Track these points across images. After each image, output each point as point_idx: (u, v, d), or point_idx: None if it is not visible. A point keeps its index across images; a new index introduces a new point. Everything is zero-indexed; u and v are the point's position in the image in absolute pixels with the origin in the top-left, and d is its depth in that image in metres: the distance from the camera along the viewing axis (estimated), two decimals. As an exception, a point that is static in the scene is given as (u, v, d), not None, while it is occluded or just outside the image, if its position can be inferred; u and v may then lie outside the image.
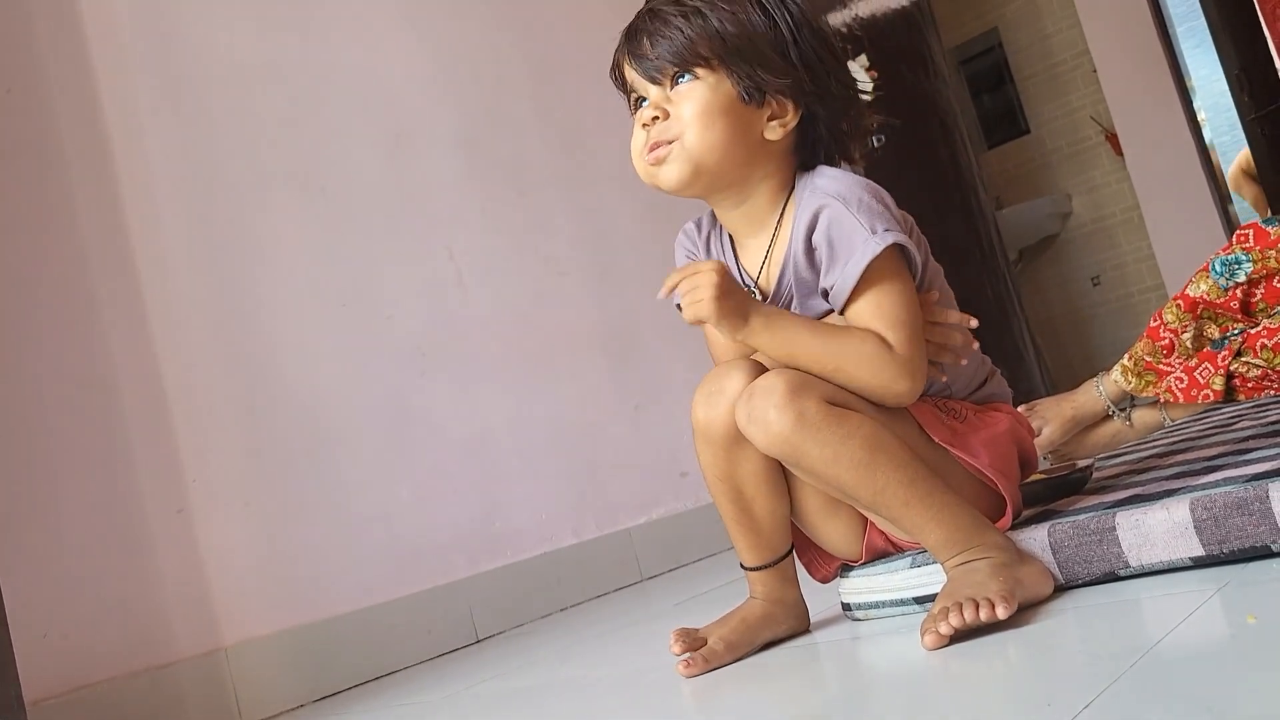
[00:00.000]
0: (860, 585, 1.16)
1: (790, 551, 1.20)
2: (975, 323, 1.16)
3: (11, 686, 1.22)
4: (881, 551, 1.18)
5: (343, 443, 1.88)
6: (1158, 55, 4.32)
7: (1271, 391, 1.75)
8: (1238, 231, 1.85)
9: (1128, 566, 1.02)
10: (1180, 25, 4.38)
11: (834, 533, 1.18)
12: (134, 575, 1.59)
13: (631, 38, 1.16)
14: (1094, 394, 1.93)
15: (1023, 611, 0.99)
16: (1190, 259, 2.47)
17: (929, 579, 1.10)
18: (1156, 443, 1.63)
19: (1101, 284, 4.91)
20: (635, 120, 1.16)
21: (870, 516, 1.14)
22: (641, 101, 1.15)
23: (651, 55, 1.12)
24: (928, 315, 1.14)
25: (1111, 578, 1.04)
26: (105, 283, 1.68)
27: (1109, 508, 1.07)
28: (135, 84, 1.79)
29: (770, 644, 1.17)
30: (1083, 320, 4.97)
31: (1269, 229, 1.80)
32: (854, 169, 1.19)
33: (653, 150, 1.12)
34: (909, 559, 1.13)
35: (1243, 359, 1.76)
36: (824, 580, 1.24)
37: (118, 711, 1.49)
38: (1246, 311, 1.82)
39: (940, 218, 3.47)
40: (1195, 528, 0.98)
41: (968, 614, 0.94)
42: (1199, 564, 0.99)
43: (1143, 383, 1.87)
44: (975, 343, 1.17)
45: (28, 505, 1.52)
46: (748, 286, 1.17)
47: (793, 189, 1.16)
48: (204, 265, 1.80)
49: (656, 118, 1.12)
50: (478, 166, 2.30)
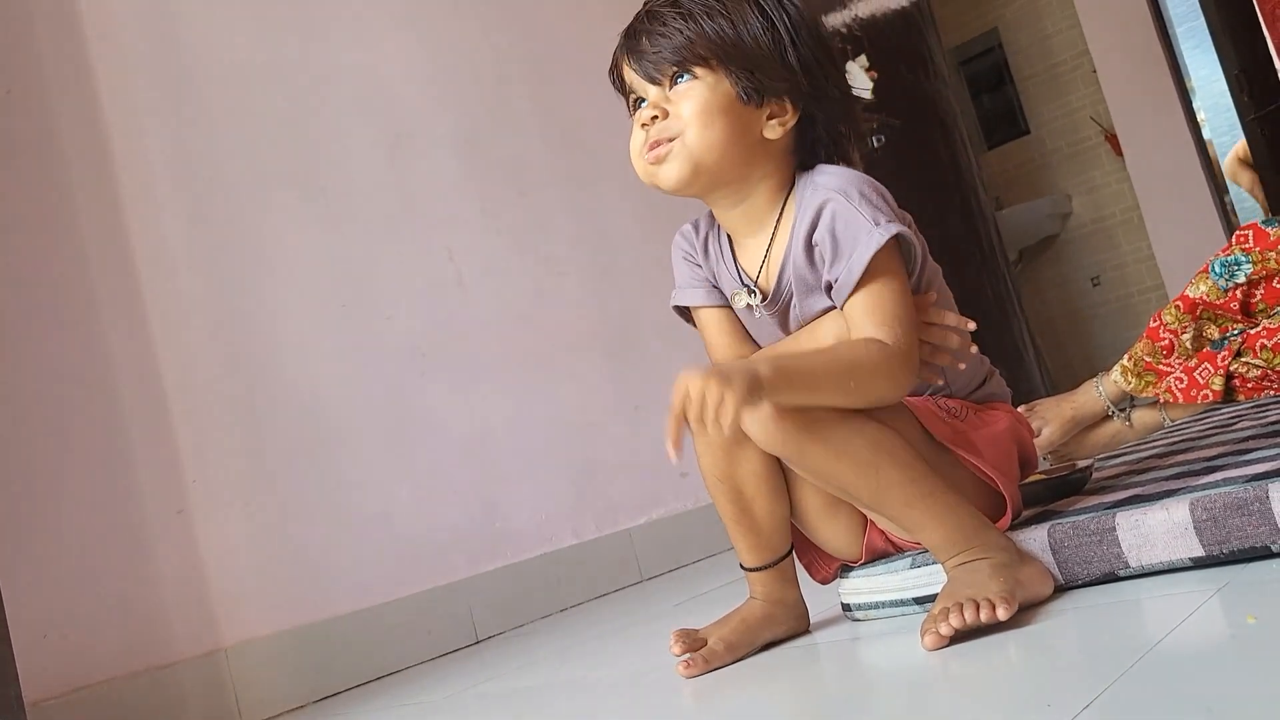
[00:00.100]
0: (860, 586, 1.16)
1: (790, 552, 1.20)
2: (973, 325, 1.16)
3: (11, 686, 1.23)
4: (881, 552, 1.18)
5: (343, 443, 1.89)
6: (1157, 56, 4.32)
7: (1271, 392, 1.75)
8: (1237, 232, 1.85)
9: (1127, 567, 1.02)
10: (1180, 26, 4.39)
11: (834, 533, 1.18)
12: (134, 575, 1.59)
13: (631, 38, 1.16)
14: (1094, 394, 1.93)
15: (1023, 612, 0.99)
16: (1190, 259, 2.48)
17: (929, 579, 1.10)
18: (1156, 443, 1.63)
19: (1101, 284, 4.91)
20: (634, 121, 1.16)
21: (871, 515, 1.14)
22: (640, 102, 1.16)
23: (651, 55, 1.13)
24: (925, 316, 1.14)
25: (1111, 578, 1.04)
26: (105, 283, 1.68)
27: (1109, 508, 1.07)
28: (135, 84, 1.80)
29: (770, 644, 1.17)
30: (1082, 321, 4.97)
31: (1268, 230, 1.80)
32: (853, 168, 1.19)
33: (652, 149, 1.12)
34: (909, 559, 1.13)
35: (1242, 359, 1.76)
36: (824, 581, 1.24)
37: (118, 712, 1.49)
38: (1246, 312, 1.82)
39: (940, 218, 3.47)
40: (1195, 528, 0.98)
41: (968, 615, 0.94)
42: (1199, 564, 0.99)
43: (1142, 383, 1.87)
44: (974, 346, 1.16)
45: (28, 505, 1.52)
46: (746, 286, 1.18)
47: (792, 188, 1.16)
48: (204, 265, 1.80)
49: (655, 117, 1.13)
50: (477, 167, 2.30)
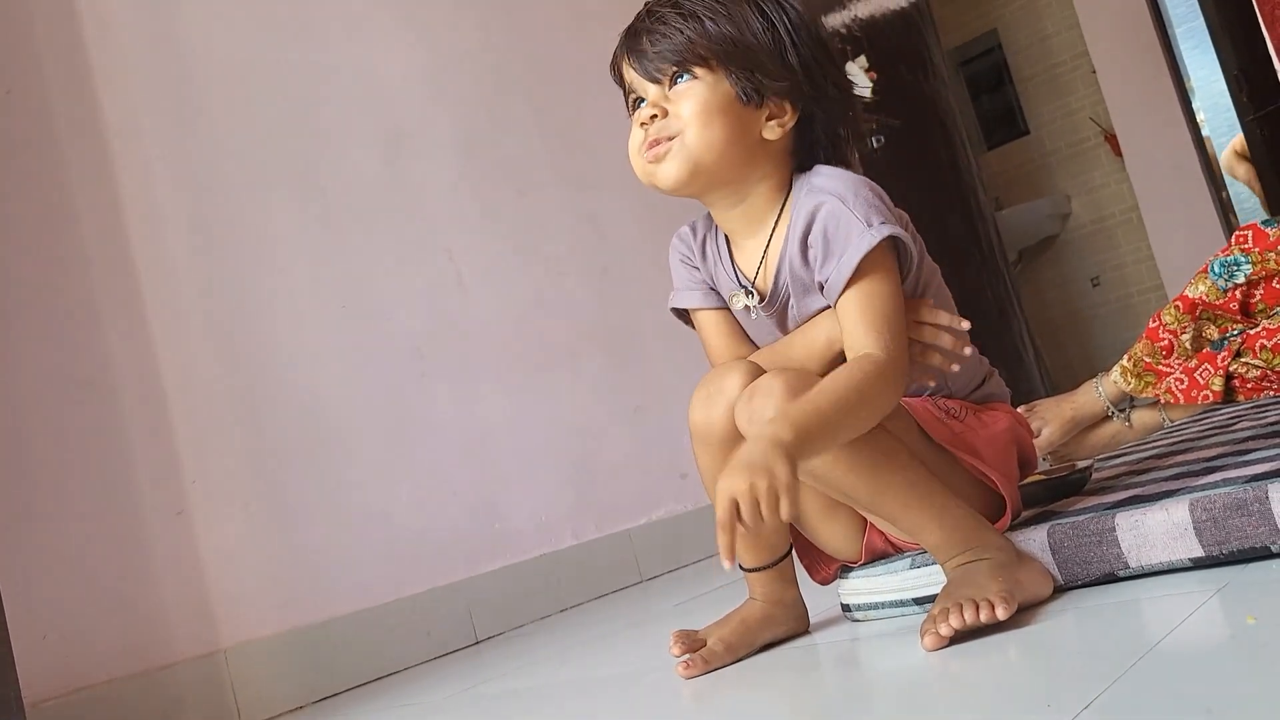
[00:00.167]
0: (860, 586, 1.16)
1: (789, 553, 1.20)
2: (968, 325, 1.15)
3: (11, 687, 1.23)
4: (881, 552, 1.18)
5: (343, 443, 1.88)
6: (1157, 56, 4.32)
7: (1271, 392, 1.75)
8: (1236, 233, 1.84)
9: (1127, 567, 1.02)
10: (1179, 26, 4.39)
11: (833, 534, 1.18)
12: (134, 576, 1.59)
13: (631, 37, 1.16)
14: (1093, 395, 1.93)
15: (1022, 612, 0.99)
16: (1189, 260, 2.48)
17: (928, 580, 1.10)
18: (1156, 444, 1.63)
19: (1101, 285, 4.91)
20: (633, 120, 1.16)
21: (870, 517, 1.14)
22: (640, 102, 1.16)
23: (651, 54, 1.13)
24: (917, 315, 1.13)
25: (1111, 579, 1.04)
26: (105, 282, 1.68)
27: (1108, 509, 1.07)
28: (135, 84, 1.80)
29: (770, 645, 1.17)
30: (1082, 321, 4.97)
31: (1268, 230, 1.80)
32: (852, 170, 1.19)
33: (651, 148, 1.12)
34: (908, 560, 1.13)
35: (1242, 360, 1.76)
36: (824, 582, 1.24)
37: (117, 713, 1.49)
38: (1246, 312, 1.82)
39: (940, 218, 3.48)
40: (1195, 529, 0.98)
41: (968, 615, 0.94)
42: (1198, 565, 0.99)
43: (1142, 384, 1.87)
44: (969, 347, 1.15)
45: (28, 506, 1.52)
46: (744, 288, 1.18)
47: (790, 190, 1.16)
48: (204, 265, 1.80)
49: (655, 115, 1.13)
50: (477, 167, 2.30)
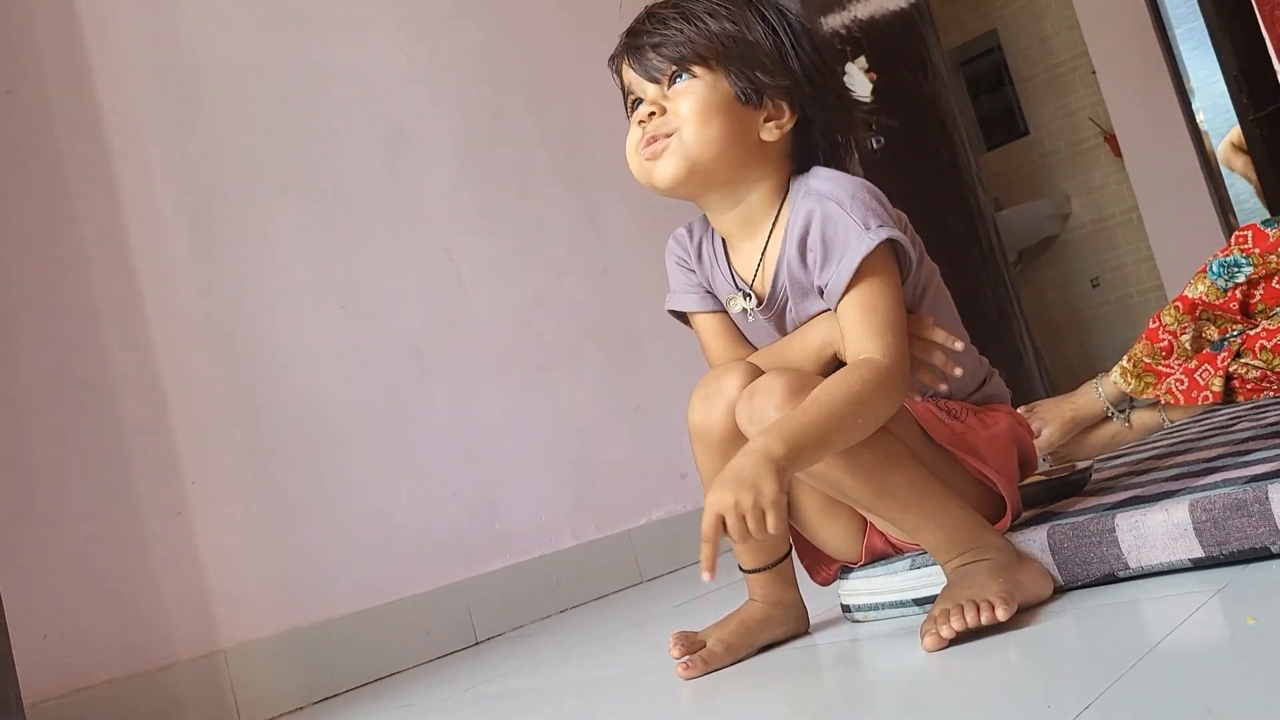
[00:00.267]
0: (860, 587, 1.16)
1: (789, 553, 1.20)
2: (961, 345, 1.14)
3: (11, 687, 1.22)
4: (881, 553, 1.18)
5: (343, 444, 1.88)
6: (1157, 57, 4.32)
7: (1271, 393, 1.75)
8: (1236, 233, 1.84)
9: (1127, 568, 1.02)
10: (1179, 27, 4.39)
11: (833, 535, 1.18)
12: (134, 577, 1.59)
13: (631, 37, 1.16)
14: (1093, 395, 1.93)
15: (1022, 613, 0.99)
16: (1189, 260, 2.47)
17: (928, 580, 1.10)
18: (1156, 444, 1.63)
19: (1101, 285, 4.91)
20: (632, 120, 1.16)
21: (870, 517, 1.14)
22: (638, 103, 1.16)
23: (650, 54, 1.13)
24: (915, 330, 1.13)
25: (1111, 579, 1.04)
26: (104, 283, 1.68)
27: (1108, 509, 1.07)
28: (135, 84, 1.79)
29: (770, 646, 1.17)
30: (1082, 322, 4.97)
31: (1268, 231, 1.80)
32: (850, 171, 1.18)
33: (649, 145, 1.12)
34: (908, 561, 1.13)
35: (1242, 360, 1.76)
36: (824, 583, 1.24)
37: (117, 713, 1.49)
38: (1245, 313, 1.82)
39: (939, 219, 3.48)
40: (1195, 529, 0.98)
41: (969, 617, 0.94)
42: (1198, 565, 0.99)
43: (1142, 384, 1.87)
44: (959, 368, 1.14)
45: (27, 507, 1.52)
46: (742, 290, 1.17)
47: (787, 192, 1.16)
48: (203, 265, 1.80)
49: (653, 113, 1.13)
50: (477, 167, 2.30)
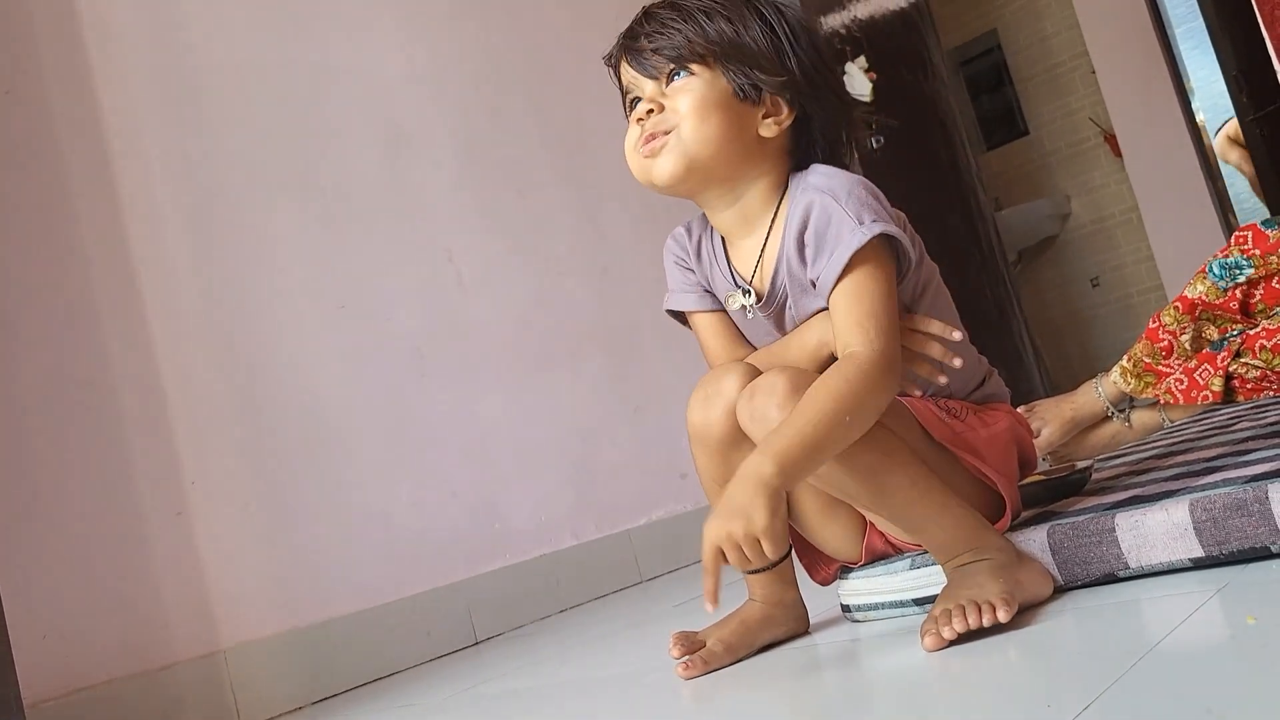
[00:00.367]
0: (860, 587, 1.16)
1: (789, 553, 1.20)
2: (959, 335, 1.14)
3: (11, 687, 1.22)
4: (881, 553, 1.18)
5: (342, 444, 1.88)
6: (1157, 57, 4.32)
7: (1270, 393, 1.75)
8: (1236, 233, 1.84)
9: (1127, 568, 1.02)
10: (1179, 27, 4.39)
11: (833, 535, 1.18)
12: (133, 577, 1.59)
13: (630, 37, 1.16)
14: (1093, 395, 1.93)
15: (1022, 613, 0.99)
16: (1189, 260, 2.47)
17: (928, 580, 1.10)
18: (1156, 444, 1.63)
19: (1101, 285, 4.92)
20: (630, 118, 1.16)
21: (870, 517, 1.14)
22: (637, 102, 1.16)
23: (648, 52, 1.13)
24: (907, 323, 1.13)
25: (1111, 579, 1.04)
26: (104, 283, 1.68)
27: (1108, 509, 1.07)
28: (134, 84, 1.79)
29: (770, 646, 1.17)
30: (1082, 321, 4.97)
31: (1268, 232, 1.80)
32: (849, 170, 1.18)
33: (647, 142, 1.13)
34: (908, 560, 1.13)
35: (1242, 360, 1.76)
36: (824, 582, 1.24)
37: (116, 713, 1.49)
38: (1245, 312, 1.82)
39: (939, 219, 3.48)
40: (1194, 529, 0.98)
41: (970, 618, 0.94)
42: (1198, 565, 0.99)
43: (1142, 384, 1.87)
44: (959, 359, 1.14)
45: (27, 507, 1.52)
46: (741, 288, 1.17)
47: (786, 189, 1.16)
48: (203, 265, 1.80)
49: (651, 111, 1.13)
50: (477, 167, 2.30)
